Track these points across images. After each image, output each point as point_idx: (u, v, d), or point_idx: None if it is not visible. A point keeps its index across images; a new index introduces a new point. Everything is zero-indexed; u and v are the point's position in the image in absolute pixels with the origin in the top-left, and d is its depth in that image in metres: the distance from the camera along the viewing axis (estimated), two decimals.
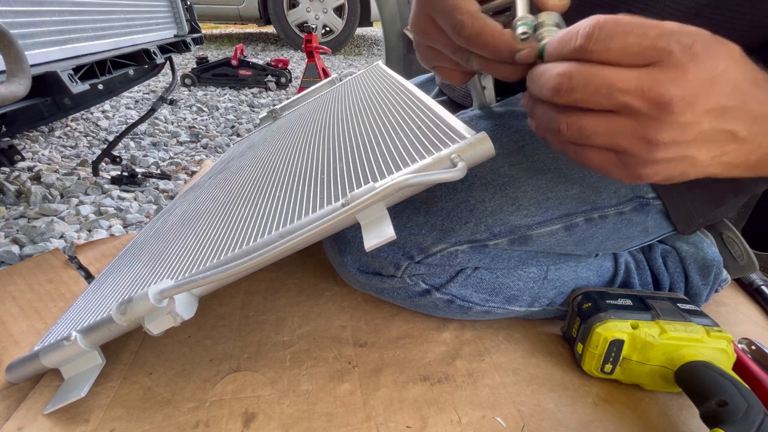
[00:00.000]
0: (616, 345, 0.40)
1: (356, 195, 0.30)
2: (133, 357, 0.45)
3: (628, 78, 0.23)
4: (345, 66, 2.79)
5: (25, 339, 0.47)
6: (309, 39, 1.68)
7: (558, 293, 0.47)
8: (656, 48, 0.23)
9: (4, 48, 0.46)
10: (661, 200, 0.44)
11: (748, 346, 0.45)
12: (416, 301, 0.47)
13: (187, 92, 1.86)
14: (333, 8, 3.17)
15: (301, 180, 0.41)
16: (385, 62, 1.36)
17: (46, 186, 0.89)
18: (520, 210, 0.41)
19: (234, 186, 0.53)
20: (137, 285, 0.41)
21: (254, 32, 4.61)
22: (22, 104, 0.57)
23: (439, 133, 0.34)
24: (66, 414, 0.39)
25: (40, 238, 0.70)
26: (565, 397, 0.41)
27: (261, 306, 0.53)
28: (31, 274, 0.58)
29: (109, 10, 0.81)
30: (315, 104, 0.74)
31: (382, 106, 0.49)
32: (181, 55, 2.49)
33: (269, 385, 0.42)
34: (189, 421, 0.38)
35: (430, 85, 0.69)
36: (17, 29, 0.57)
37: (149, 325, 0.33)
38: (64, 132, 1.26)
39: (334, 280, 0.57)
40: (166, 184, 0.95)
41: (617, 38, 0.23)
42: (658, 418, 0.39)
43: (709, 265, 0.47)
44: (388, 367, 0.44)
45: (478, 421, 0.38)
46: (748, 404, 0.32)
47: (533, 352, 0.46)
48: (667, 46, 0.22)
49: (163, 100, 1.01)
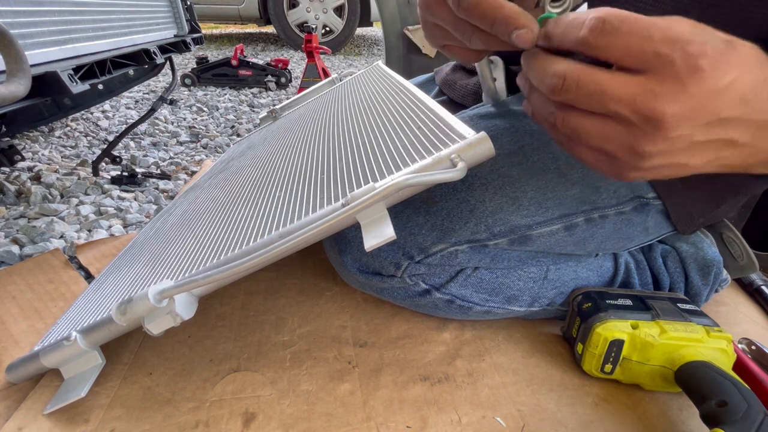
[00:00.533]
0: (616, 345, 0.40)
1: (356, 195, 0.30)
2: (133, 357, 0.45)
3: (622, 86, 0.22)
4: (345, 66, 2.79)
5: (25, 339, 0.47)
6: (309, 39, 1.68)
7: (558, 293, 0.47)
8: (659, 54, 0.21)
9: (4, 48, 0.46)
10: (661, 200, 0.44)
11: (748, 346, 0.45)
12: (416, 301, 0.47)
13: (187, 92, 1.86)
14: (333, 8, 3.17)
15: (301, 180, 0.41)
16: (385, 62, 1.36)
17: (46, 186, 0.89)
18: (520, 210, 0.41)
19: (234, 186, 0.53)
20: (137, 285, 0.41)
21: (254, 32, 4.61)
22: (22, 104, 0.57)
23: (439, 133, 0.34)
24: (66, 414, 0.39)
25: (40, 238, 0.70)
26: (565, 397, 0.41)
27: (261, 306, 0.53)
28: (31, 274, 0.58)
29: (109, 10, 0.81)
30: (315, 104, 0.74)
31: (382, 106, 0.49)
32: (181, 55, 2.50)
33: (269, 385, 0.42)
34: (189, 421, 0.38)
35: (430, 85, 0.69)
36: (17, 29, 0.57)
37: (149, 325, 0.33)
38: (64, 132, 1.26)
39: (334, 280, 0.57)
40: (166, 184, 0.95)
41: (621, 37, 0.22)
42: (658, 418, 0.39)
43: (709, 265, 0.47)
44: (388, 367, 0.44)
45: (478, 421, 0.38)
46: (748, 404, 0.32)
47: (533, 352, 0.46)
48: (670, 54, 0.21)
49: (163, 100, 1.01)
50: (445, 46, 0.36)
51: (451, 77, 0.62)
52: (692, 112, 0.22)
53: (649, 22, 0.22)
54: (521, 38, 0.27)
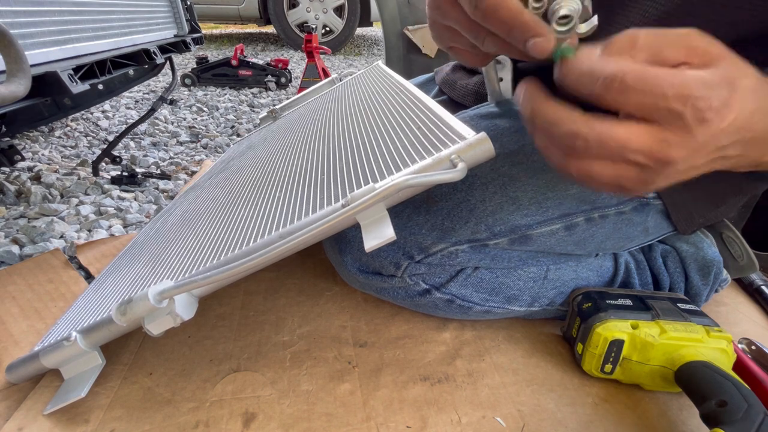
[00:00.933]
0: (616, 345, 0.40)
1: (356, 196, 0.30)
2: (133, 357, 0.45)
3: (639, 138, 0.24)
4: (345, 66, 2.79)
5: (25, 339, 0.47)
6: (309, 39, 1.68)
7: (558, 293, 0.47)
8: (670, 110, 0.23)
9: (4, 48, 0.46)
10: (661, 200, 0.44)
11: (748, 346, 0.45)
12: (416, 301, 0.47)
13: (187, 92, 1.86)
14: (333, 8, 3.17)
15: (301, 180, 0.41)
16: (385, 62, 1.36)
17: (46, 186, 0.89)
18: (521, 209, 0.41)
19: (234, 186, 0.53)
20: (137, 285, 0.41)
21: (254, 32, 4.61)
22: (22, 104, 0.57)
23: (439, 134, 0.34)
24: (66, 414, 0.39)
25: (40, 238, 0.70)
26: (565, 397, 0.41)
27: (261, 306, 0.53)
28: (31, 274, 0.58)
29: (109, 10, 0.81)
30: (315, 104, 0.74)
31: (382, 106, 0.49)
32: (181, 55, 2.49)
33: (269, 385, 0.42)
34: (189, 421, 0.38)
35: (430, 85, 0.69)
36: (17, 29, 0.57)
37: (149, 325, 0.33)
38: (64, 132, 1.26)
39: (334, 280, 0.57)
40: (166, 184, 0.95)
41: (636, 95, 0.23)
42: (658, 418, 0.39)
43: (709, 265, 0.47)
44: (388, 367, 0.44)
45: (478, 421, 0.38)
46: (748, 404, 0.32)
47: (533, 352, 0.46)
48: (682, 110, 0.23)
49: (163, 100, 1.01)
50: (452, 48, 0.35)
51: (451, 77, 0.62)
52: (698, 151, 0.24)
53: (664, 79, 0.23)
54: (537, 47, 0.26)
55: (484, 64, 0.36)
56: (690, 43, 0.24)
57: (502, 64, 0.47)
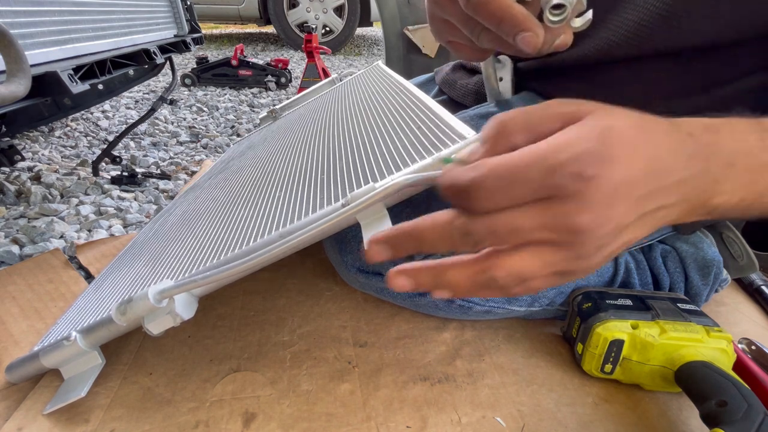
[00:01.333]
0: (616, 345, 0.40)
1: (356, 195, 0.30)
2: (133, 357, 0.45)
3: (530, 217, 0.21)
4: (345, 66, 2.79)
5: (25, 339, 0.47)
6: (309, 39, 1.68)
7: (558, 293, 0.47)
8: (547, 187, 0.20)
9: (4, 48, 0.46)
10: None
11: (748, 346, 0.45)
12: (416, 301, 0.47)
13: (187, 92, 1.87)
14: (333, 8, 3.17)
15: (301, 180, 0.41)
16: (385, 62, 1.36)
17: (46, 186, 0.89)
18: None
19: (234, 186, 0.53)
20: (137, 285, 0.41)
21: (254, 32, 4.61)
22: (22, 104, 0.57)
23: (439, 133, 0.34)
24: (66, 414, 0.39)
25: (40, 238, 0.70)
26: (565, 397, 0.41)
27: (261, 306, 0.53)
28: (31, 274, 0.58)
29: (109, 10, 0.81)
30: (315, 104, 0.74)
31: (382, 106, 0.49)
32: (181, 55, 2.49)
33: (269, 385, 0.42)
34: (189, 421, 0.38)
35: (430, 85, 0.69)
36: (17, 29, 0.57)
37: (149, 325, 0.33)
38: (64, 132, 1.26)
39: (334, 280, 0.57)
40: (166, 184, 0.95)
41: (501, 192, 0.21)
42: (658, 418, 0.39)
43: (709, 265, 0.47)
44: (388, 367, 0.44)
45: (478, 421, 0.38)
46: (748, 404, 0.32)
47: (533, 352, 0.46)
48: (558, 182, 0.20)
49: (163, 100, 1.01)
50: (451, 43, 0.35)
51: (451, 76, 0.62)
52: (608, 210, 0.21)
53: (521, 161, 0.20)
54: (526, 41, 0.26)
55: (482, 59, 0.36)
56: (558, 110, 0.22)
57: (502, 64, 0.47)
